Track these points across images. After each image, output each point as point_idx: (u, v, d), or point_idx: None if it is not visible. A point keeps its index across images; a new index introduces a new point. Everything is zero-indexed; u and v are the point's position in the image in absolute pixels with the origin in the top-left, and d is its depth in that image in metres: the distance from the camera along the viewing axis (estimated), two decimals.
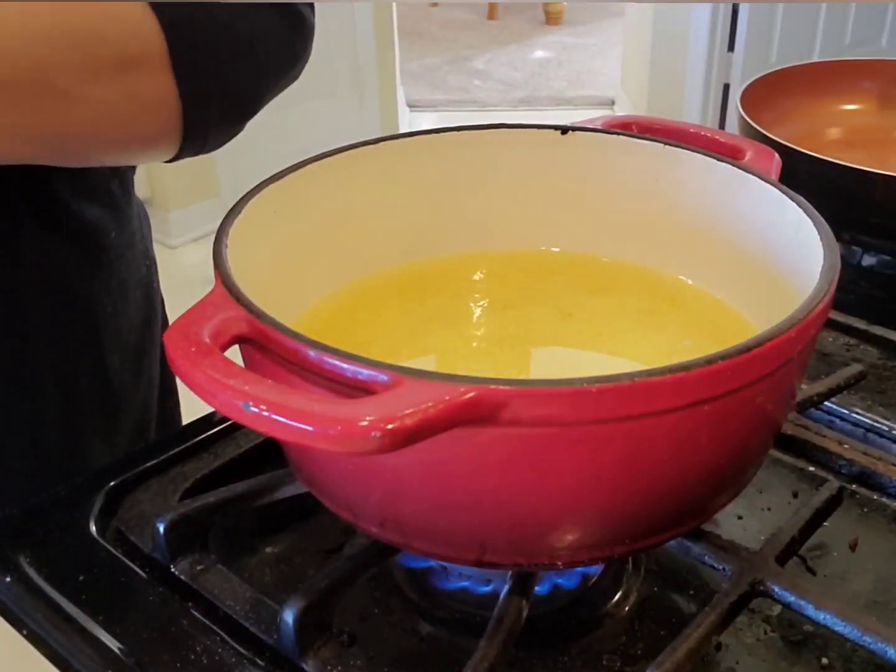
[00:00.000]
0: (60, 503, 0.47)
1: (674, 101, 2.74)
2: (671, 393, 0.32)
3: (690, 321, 0.48)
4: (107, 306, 0.59)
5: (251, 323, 0.34)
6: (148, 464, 0.49)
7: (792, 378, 0.37)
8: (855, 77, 0.90)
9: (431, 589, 0.43)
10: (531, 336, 0.48)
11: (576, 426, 0.32)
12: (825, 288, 0.36)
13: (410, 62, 3.80)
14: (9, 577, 0.43)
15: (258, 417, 0.30)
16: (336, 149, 0.47)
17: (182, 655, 0.39)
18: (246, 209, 0.41)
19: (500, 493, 0.34)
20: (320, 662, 0.38)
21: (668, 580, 0.44)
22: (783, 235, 0.43)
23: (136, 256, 0.61)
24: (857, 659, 0.40)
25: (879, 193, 0.69)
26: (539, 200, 0.51)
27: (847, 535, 0.46)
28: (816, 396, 0.51)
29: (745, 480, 0.40)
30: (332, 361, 0.32)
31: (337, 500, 0.39)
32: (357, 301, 0.48)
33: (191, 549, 0.44)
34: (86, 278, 0.57)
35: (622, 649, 0.41)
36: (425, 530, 0.37)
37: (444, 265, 0.51)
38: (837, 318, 0.61)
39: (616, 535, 0.37)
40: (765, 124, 0.75)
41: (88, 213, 0.56)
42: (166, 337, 0.33)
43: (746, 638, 0.41)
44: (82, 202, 0.55)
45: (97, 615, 0.41)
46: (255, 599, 0.41)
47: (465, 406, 0.30)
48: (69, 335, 0.57)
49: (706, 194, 0.48)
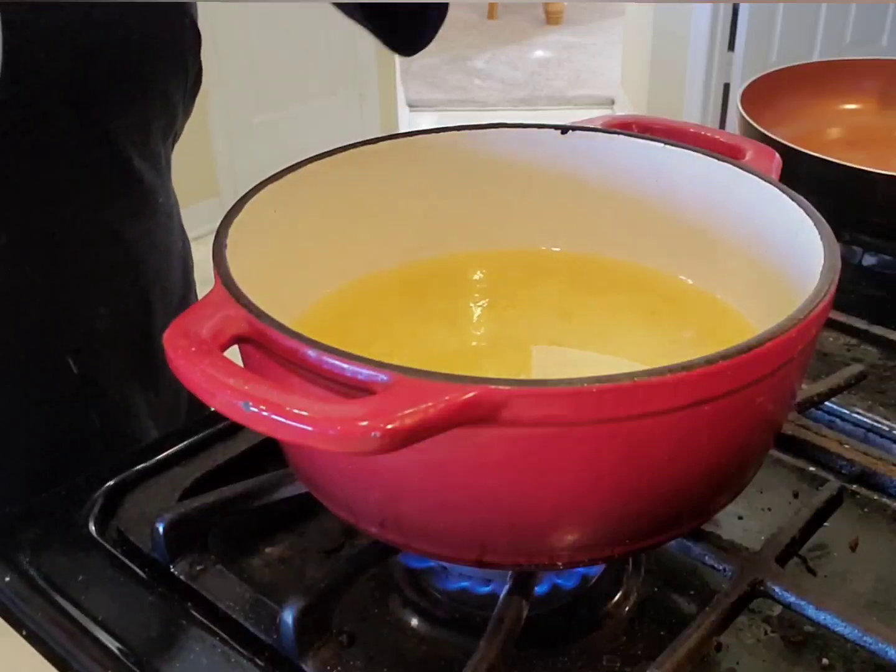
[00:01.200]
0: (60, 503, 0.47)
1: (674, 101, 2.74)
2: (671, 393, 0.32)
3: (690, 321, 0.48)
4: (154, 267, 0.61)
5: (251, 323, 0.34)
6: (148, 463, 0.49)
7: (792, 378, 0.37)
8: (855, 77, 0.90)
9: (431, 589, 0.43)
10: (531, 336, 0.48)
11: (576, 426, 0.32)
12: (825, 288, 0.36)
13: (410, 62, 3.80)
14: (8, 577, 0.43)
15: (258, 417, 0.30)
16: (336, 149, 0.47)
17: (182, 655, 0.39)
18: (246, 209, 0.41)
19: (500, 493, 0.34)
20: (320, 663, 0.38)
21: (668, 580, 0.44)
22: (783, 235, 0.43)
23: (175, 228, 0.64)
24: (857, 659, 0.40)
25: (880, 193, 0.69)
26: (539, 200, 0.51)
27: (847, 536, 0.46)
28: (817, 396, 0.51)
29: (745, 480, 0.40)
30: (332, 361, 0.32)
31: (337, 500, 0.39)
32: (357, 301, 0.48)
33: (190, 550, 0.44)
34: (137, 236, 0.59)
35: (622, 649, 0.41)
36: (425, 530, 0.37)
37: (444, 265, 0.51)
38: (838, 318, 0.61)
39: (616, 536, 0.37)
40: (765, 124, 0.75)
41: (145, 173, 0.58)
42: (166, 336, 0.33)
43: (747, 638, 0.41)
44: (142, 162, 0.57)
45: (97, 615, 0.41)
46: (254, 600, 0.41)
47: (465, 406, 0.30)
48: (121, 290, 0.59)
49: (706, 194, 0.48)
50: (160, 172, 0.61)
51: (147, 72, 0.55)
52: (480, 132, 0.50)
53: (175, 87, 0.57)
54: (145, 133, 0.57)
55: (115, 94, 0.54)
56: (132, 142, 0.56)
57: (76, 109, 0.52)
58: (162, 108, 0.57)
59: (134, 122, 0.56)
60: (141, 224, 0.59)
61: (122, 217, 0.58)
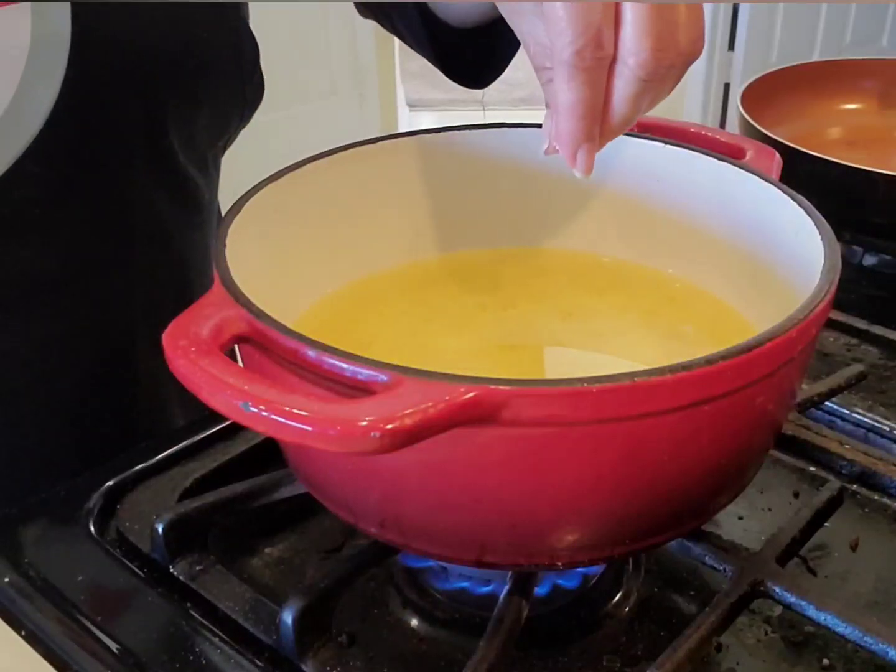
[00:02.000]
0: (60, 503, 0.47)
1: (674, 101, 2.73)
2: (671, 393, 0.32)
3: (690, 321, 0.48)
4: (197, 263, 0.62)
5: (250, 323, 0.34)
6: (147, 463, 0.49)
7: (792, 378, 0.37)
8: (855, 77, 0.90)
9: (431, 589, 0.43)
10: (531, 336, 0.48)
11: (576, 426, 0.32)
12: (826, 287, 0.36)
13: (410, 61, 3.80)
14: (8, 577, 0.43)
15: (257, 417, 0.30)
16: (336, 148, 0.47)
17: (181, 656, 0.39)
18: (245, 209, 0.41)
19: (500, 493, 0.34)
20: (320, 663, 0.38)
21: (668, 581, 0.44)
22: (784, 235, 0.43)
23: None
24: (857, 660, 0.40)
25: (880, 193, 0.69)
26: (539, 200, 0.51)
27: (848, 536, 0.46)
28: (817, 396, 0.51)
29: (745, 481, 0.40)
30: (332, 361, 0.32)
31: (336, 500, 0.39)
32: (357, 301, 0.48)
33: (190, 550, 0.44)
34: (184, 232, 0.60)
35: (622, 649, 0.40)
36: (425, 530, 0.37)
37: (444, 265, 0.51)
38: (838, 318, 0.61)
39: (616, 536, 0.37)
40: (765, 124, 0.75)
41: (192, 172, 0.59)
42: (166, 336, 0.33)
43: (747, 639, 0.41)
44: (189, 162, 0.58)
45: (96, 615, 0.41)
46: (254, 600, 0.41)
47: (465, 406, 0.30)
48: (166, 283, 0.59)
49: (706, 194, 0.48)
50: (207, 173, 0.62)
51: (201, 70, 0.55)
52: (480, 132, 0.50)
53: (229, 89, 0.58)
54: (193, 133, 0.58)
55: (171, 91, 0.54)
56: (182, 145, 0.57)
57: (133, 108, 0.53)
58: (212, 109, 0.58)
59: (184, 119, 0.56)
60: (185, 222, 0.60)
61: (167, 214, 0.58)
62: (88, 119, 0.51)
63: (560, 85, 0.37)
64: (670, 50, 0.36)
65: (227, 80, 0.58)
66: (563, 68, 0.37)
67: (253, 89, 0.60)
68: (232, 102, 0.59)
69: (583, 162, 0.39)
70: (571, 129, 0.38)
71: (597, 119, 0.38)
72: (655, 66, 0.36)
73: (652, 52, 0.36)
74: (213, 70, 0.56)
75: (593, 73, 0.37)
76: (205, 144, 0.60)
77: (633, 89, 0.37)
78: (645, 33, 0.36)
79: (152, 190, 0.57)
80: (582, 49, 0.36)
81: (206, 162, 0.61)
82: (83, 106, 0.50)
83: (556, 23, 0.36)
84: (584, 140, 0.39)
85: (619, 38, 0.36)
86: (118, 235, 0.56)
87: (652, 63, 0.36)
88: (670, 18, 0.36)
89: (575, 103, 0.37)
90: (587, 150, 0.39)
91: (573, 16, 0.35)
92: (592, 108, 0.38)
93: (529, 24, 0.38)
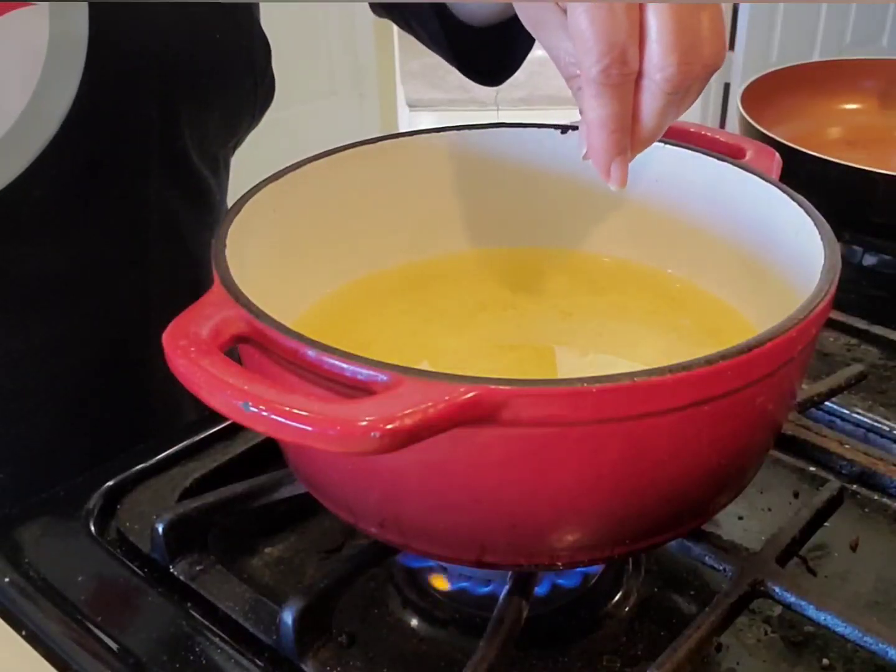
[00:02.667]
0: (60, 503, 0.47)
1: None
2: (671, 393, 0.32)
3: (690, 321, 0.48)
4: (209, 262, 0.61)
5: (250, 323, 0.34)
6: (147, 463, 0.49)
7: (792, 378, 0.37)
8: (855, 77, 0.90)
9: (431, 589, 0.43)
10: (531, 336, 0.48)
11: (576, 426, 0.32)
12: (826, 287, 0.36)
13: (411, 61, 3.80)
14: (8, 578, 0.43)
15: (257, 417, 0.30)
16: (336, 148, 0.47)
17: (181, 656, 0.39)
18: (245, 208, 0.41)
19: (500, 493, 0.34)
20: (320, 663, 0.38)
21: (668, 581, 0.44)
22: (783, 235, 0.43)
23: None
24: (857, 660, 0.40)
25: (880, 193, 0.69)
26: (539, 200, 0.51)
27: (848, 536, 0.46)
28: (817, 396, 0.51)
29: (745, 481, 0.40)
30: (332, 361, 0.32)
31: (336, 500, 0.39)
32: (357, 300, 0.48)
33: (190, 550, 0.44)
34: (196, 232, 0.60)
35: (622, 650, 0.40)
36: (425, 530, 0.37)
37: (444, 264, 0.51)
38: (838, 318, 0.61)
39: (616, 536, 0.37)
40: (765, 124, 0.75)
41: (205, 173, 0.60)
42: (165, 336, 0.33)
43: (747, 639, 0.41)
44: (202, 162, 0.59)
45: (96, 615, 0.41)
46: (254, 600, 0.41)
47: (465, 406, 0.30)
48: (179, 283, 0.60)
49: (706, 194, 0.48)
50: (217, 173, 0.62)
51: (215, 71, 0.56)
52: (480, 132, 0.50)
53: (242, 90, 0.58)
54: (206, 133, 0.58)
55: (185, 92, 0.54)
56: (195, 146, 0.57)
57: (148, 109, 0.53)
58: (225, 110, 0.58)
59: (198, 120, 0.57)
60: (197, 221, 0.60)
61: (180, 213, 0.59)
62: (104, 120, 0.51)
63: (589, 101, 0.38)
64: (696, 63, 0.36)
65: (240, 81, 0.58)
66: (591, 86, 0.37)
67: (265, 90, 0.61)
68: (244, 103, 0.59)
69: (617, 174, 0.39)
70: (603, 142, 0.38)
71: (626, 131, 0.38)
72: (681, 80, 0.37)
73: (678, 66, 0.36)
74: (227, 71, 0.57)
75: (620, 90, 0.37)
76: (217, 145, 0.60)
77: (660, 103, 0.37)
78: (670, 49, 0.36)
79: (166, 190, 0.57)
80: (608, 67, 0.36)
81: (218, 162, 0.62)
82: (99, 107, 0.50)
83: (582, 41, 0.36)
84: (616, 153, 0.39)
85: (643, 54, 0.36)
86: (133, 236, 0.56)
87: (678, 77, 0.36)
88: (694, 32, 0.36)
89: (605, 119, 0.38)
90: (620, 162, 0.39)
91: (598, 34, 0.35)
92: (622, 122, 0.38)
93: (556, 38, 0.39)
